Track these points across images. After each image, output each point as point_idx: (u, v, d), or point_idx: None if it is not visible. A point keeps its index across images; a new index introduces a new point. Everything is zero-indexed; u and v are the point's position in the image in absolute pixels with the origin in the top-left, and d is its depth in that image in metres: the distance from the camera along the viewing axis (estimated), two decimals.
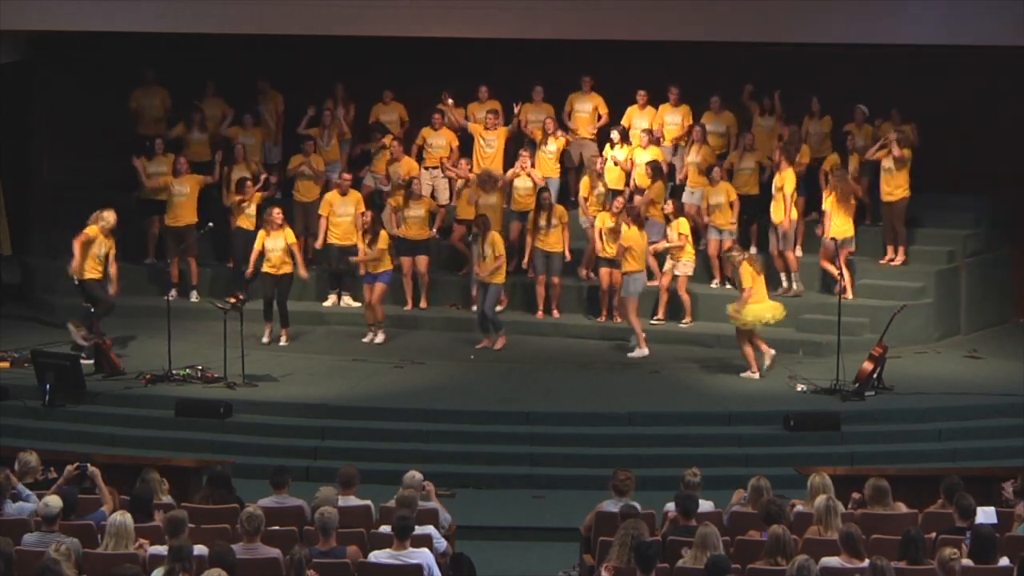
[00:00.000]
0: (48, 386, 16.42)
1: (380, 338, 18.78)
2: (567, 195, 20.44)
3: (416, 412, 16.35)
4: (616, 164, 19.88)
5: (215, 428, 16.14)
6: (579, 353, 18.53)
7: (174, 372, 17.10)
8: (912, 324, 18.80)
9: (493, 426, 16.23)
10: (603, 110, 20.54)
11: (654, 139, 20.05)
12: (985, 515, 11.34)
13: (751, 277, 17.20)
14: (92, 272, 17.80)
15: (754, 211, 19.74)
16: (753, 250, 19.07)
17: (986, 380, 17.56)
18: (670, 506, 11.86)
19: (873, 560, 9.99)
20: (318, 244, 19.57)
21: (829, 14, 18.90)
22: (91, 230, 17.84)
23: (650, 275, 18.98)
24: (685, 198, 19.77)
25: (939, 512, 11.89)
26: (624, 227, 18.31)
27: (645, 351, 18.28)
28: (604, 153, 20.03)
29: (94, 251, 17.78)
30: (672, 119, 20.36)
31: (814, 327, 18.42)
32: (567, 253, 19.29)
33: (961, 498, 11.40)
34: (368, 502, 12.08)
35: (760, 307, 17.20)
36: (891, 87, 20.28)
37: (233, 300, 17.30)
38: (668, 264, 18.91)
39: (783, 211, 19.06)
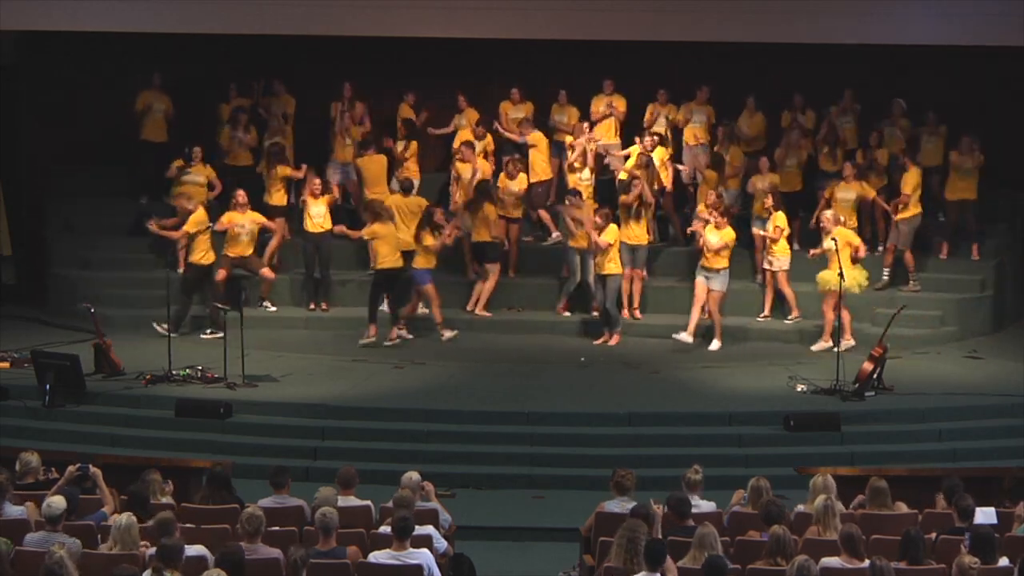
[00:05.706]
0: (48, 386, 16.41)
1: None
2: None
3: (416, 412, 16.34)
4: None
5: (215, 428, 16.12)
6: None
7: (174, 372, 17.09)
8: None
9: (493, 426, 16.22)
10: (621, 110, 20.61)
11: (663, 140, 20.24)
12: (985, 515, 11.34)
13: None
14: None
15: (796, 208, 19.92)
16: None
17: (986, 380, 17.58)
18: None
19: (873, 560, 10.00)
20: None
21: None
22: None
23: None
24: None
25: (939, 512, 11.90)
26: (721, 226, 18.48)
27: (719, 344, 18.66)
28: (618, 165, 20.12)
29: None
30: (699, 117, 20.48)
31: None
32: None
33: (961, 499, 11.42)
34: (368, 502, 12.09)
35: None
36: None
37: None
38: (762, 260, 19.09)
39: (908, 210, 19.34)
